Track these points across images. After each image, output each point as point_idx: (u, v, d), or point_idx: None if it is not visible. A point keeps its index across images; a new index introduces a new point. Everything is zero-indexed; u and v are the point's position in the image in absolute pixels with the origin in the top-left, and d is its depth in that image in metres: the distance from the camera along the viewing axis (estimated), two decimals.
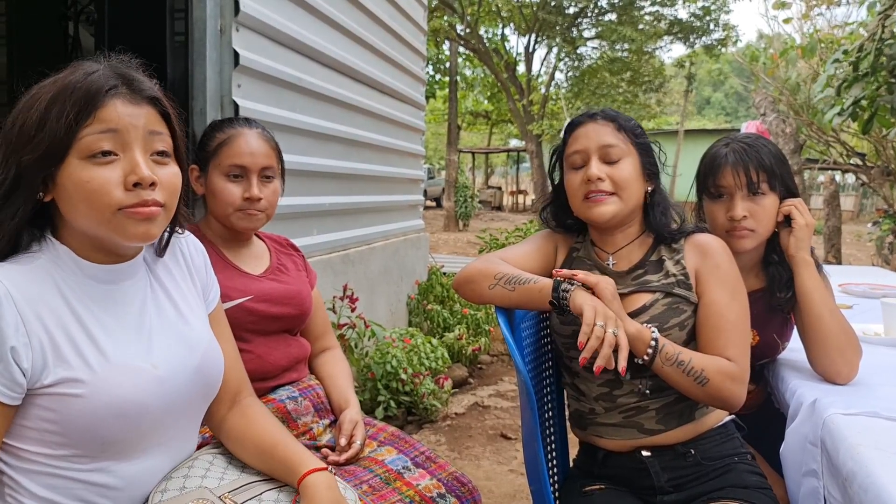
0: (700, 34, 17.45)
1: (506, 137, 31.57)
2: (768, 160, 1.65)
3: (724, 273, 1.49)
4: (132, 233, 1.04)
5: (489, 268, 1.55)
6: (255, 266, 1.68)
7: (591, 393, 1.54)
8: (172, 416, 1.13)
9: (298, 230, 3.47)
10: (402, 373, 3.59)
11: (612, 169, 1.48)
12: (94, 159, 1.02)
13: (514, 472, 3.12)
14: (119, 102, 1.04)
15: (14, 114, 1.05)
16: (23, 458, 1.04)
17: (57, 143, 1.00)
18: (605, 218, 1.49)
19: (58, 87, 1.03)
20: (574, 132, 1.55)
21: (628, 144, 1.51)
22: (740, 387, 1.43)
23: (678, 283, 1.49)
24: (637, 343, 1.39)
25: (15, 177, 1.02)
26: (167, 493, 1.10)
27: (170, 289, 1.20)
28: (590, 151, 1.50)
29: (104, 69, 1.07)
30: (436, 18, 15.67)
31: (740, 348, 1.44)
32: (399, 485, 1.46)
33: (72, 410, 1.01)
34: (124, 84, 1.06)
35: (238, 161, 1.59)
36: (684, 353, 1.41)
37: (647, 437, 1.49)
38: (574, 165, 1.53)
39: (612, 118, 1.52)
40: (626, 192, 1.49)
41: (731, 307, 1.46)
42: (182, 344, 1.15)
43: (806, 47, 5.43)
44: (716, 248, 1.52)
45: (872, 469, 1.09)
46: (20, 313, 0.99)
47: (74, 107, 1.01)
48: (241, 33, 2.90)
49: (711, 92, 50.60)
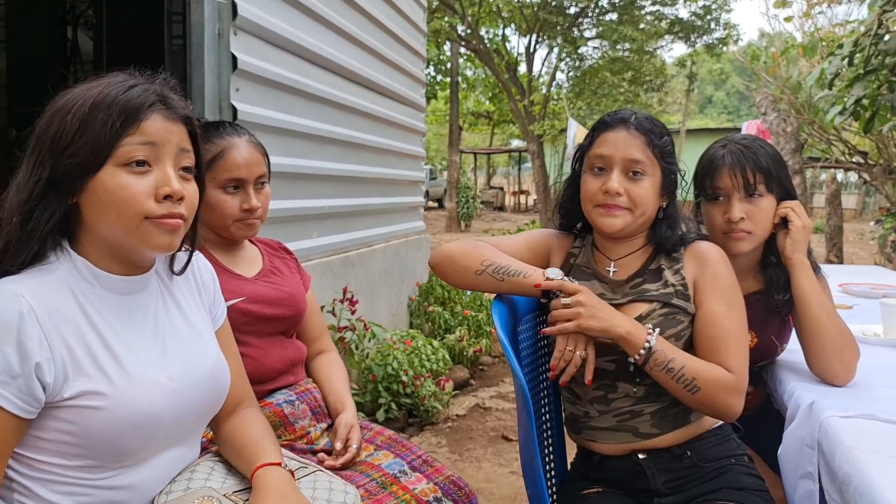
0: (701, 33, 17.40)
1: (507, 138, 31.53)
2: (765, 162, 1.65)
3: (723, 283, 1.47)
4: (156, 242, 1.07)
5: (476, 252, 1.52)
6: (248, 269, 1.68)
7: (586, 396, 1.53)
8: (183, 426, 1.16)
9: (298, 233, 3.47)
10: (403, 375, 3.59)
11: (633, 185, 1.45)
12: (129, 168, 1.05)
13: (514, 474, 3.12)
14: (160, 117, 1.08)
15: (47, 119, 1.06)
16: (36, 468, 1.04)
17: (99, 149, 1.03)
18: (613, 230, 1.48)
19: (98, 96, 1.05)
20: (603, 134, 1.49)
21: (654, 163, 1.46)
22: (735, 398, 1.41)
23: (676, 293, 1.48)
24: (628, 345, 1.39)
25: (50, 181, 1.04)
26: (172, 494, 1.12)
27: (181, 302, 1.23)
28: (614, 161, 1.46)
29: (144, 84, 1.10)
30: (436, 19, 15.66)
31: (739, 359, 1.43)
32: (395, 489, 1.46)
33: (91, 423, 1.02)
34: (161, 101, 1.09)
35: (235, 174, 1.59)
36: (678, 359, 1.39)
37: (642, 441, 1.48)
38: (594, 167, 1.50)
39: (646, 131, 1.46)
40: (640, 209, 1.47)
41: (728, 317, 1.45)
42: (194, 356, 1.18)
43: (807, 46, 5.42)
44: (714, 258, 1.50)
45: (868, 472, 1.08)
46: (42, 328, 0.99)
47: (120, 116, 1.04)
48: (239, 37, 2.90)
49: (713, 91, 50.54)
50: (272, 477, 1.15)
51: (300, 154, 3.51)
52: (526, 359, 1.64)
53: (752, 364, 1.75)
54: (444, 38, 17.22)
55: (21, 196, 1.04)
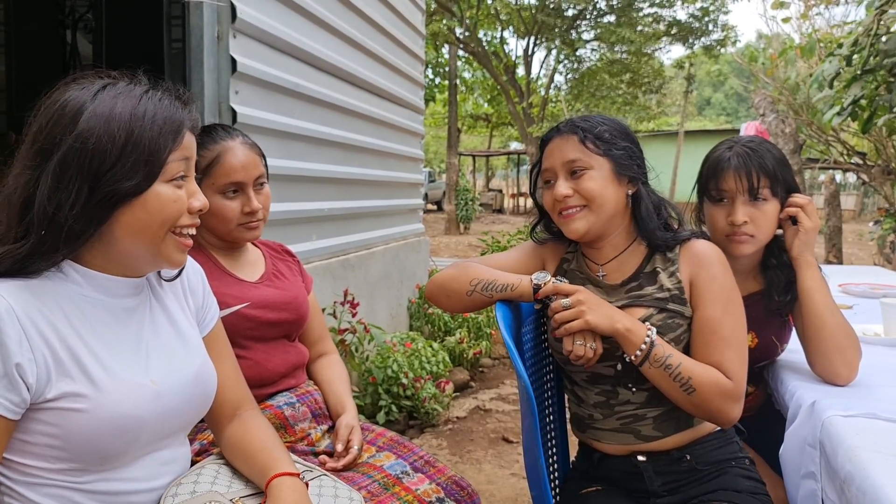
0: (699, 35, 17.44)
1: (506, 140, 31.59)
2: (771, 165, 1.63)
3: (719, 286, 1.44)
4: (176, 259, 1.11)
5: (464, 273, 1.54)
6: (251, 273, 1.68)
7: (590, 400, 1.53)
8: (167, 430, 1.15)
9: (298, 236, 3.47)
10: (404, 377, 3.59)
11: (578, 182, 1.46)
12: (175, 182, 1.08)
13: (515, 476, 3.12)
14: (187, 133, 1.10)
15: (82, 134, 1.01)
16: (21, 471, 1.04)
17: (151, 170, 1.04)
18: (580, 233, 1.48)
19: (134, 112, 1.04)
20: (545, 149, 1.53)
21: (594, 154, 1.46)
22: (730, 404, 1.39)
23: (672, 297, 1.46)
24: (628, 342, 1.38)
25: (89, 199, 1.01)
26: (178, 497, 1.12)
27: (167, 305, 1.22)
28: (556, 169, 1.48)
29: (164, 94, 1.10)
30: (435, 22, 15.68)
31: (735, 364, 1.40)
32: (398, 490, 1.46)
33: (74, 425, 1.01)
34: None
35: (234, 178, 1.58)
36: (676, 356, 1.39)
37: (643, 443, 1.48)
38: (546, 183, 1.52)
39: (577, 129, 1.47)
40: (596, 202, 1.45)
41: (723, 322, 1.42)
42: (179, 360, 1.17)
43: (805, 47, 5.41)
44: (711, 259, 1.47)
45: (871, 471, 1.08)
46: (23, 328, 0.98)
47: (168, 133, 1.06)
48: (238, 40, 2.90)
49: (712, 92, 50.61)
50: (289, 488, 1.14)
51: (300, 157, 3.52)
52: (529, 360, 1.64)
53: (752, 364, 1.75)
54: (442, 41, 17.25)
55: (47, 212, 1.00)
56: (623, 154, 1.48)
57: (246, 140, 1.65)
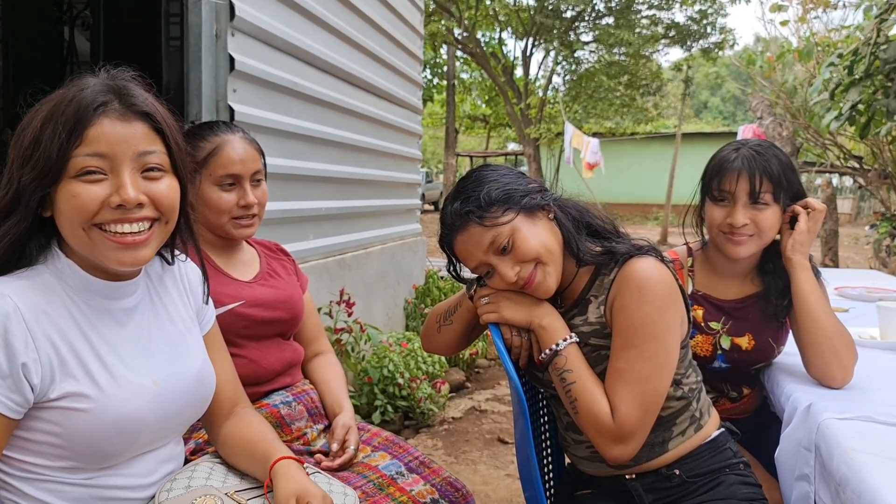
0: (697, 38, 17.47)
1: (504, 141, 31.59)
2: (776, 170, 1.62)
3: (626, 317, 1.32)
4: (113, 257, 1.04)
5: (432, 315, 1.60)
6: (246, 272, 1.67)
7: (562, 422, 1.52)
8: (166, 429, 1.17)
9: (294, 234, 3.46)
10: (399, 377, 3.58)
11: (516, 256, 1.35)
12: (83, 177, 1.02)
13: (510, 477, 3.11)
14: (107, 121, 1.03)
15: (18, 129, 1.06)
16: (19, 468, 1.05)
17: (51, 164, 1.01)
18: (548, 296, 1.43)
19: (52, 106, 1.04)
20: (456, 249, 1.42)
21: (502, 224, 1.34)
22: (606, 442, 1.31)
23: (593, 332, 1.39)
24: (541, 338, 1.40)
25: (15, 193, 1.03)
26: (173, 492, 1.14)
27: (168, 306, 1.22)
28: (489, 262, 1.37)
29: (97, 84, 1.06)
30: (433, 22, 15.69)
31: (623, 400, 1.29)
32: (392, 490, 1.46)
33: (76, 425, 1.02)
34: (117, 99, 1.05)
35: (231, 170, 1.58)
36: (575, 373, 1.34)
37: (622, 469, 1.42)
38: (486, 274, 1.42)
39: (468, 217, 1.35)
40: (542, 258, 1.36)
41: (618, 355, 1.32)
42: (179, 361, 1.18)
43: (802, 50, 5.43)
44: (630, 287, 1.33)
45: (866, 474, 1.08)
46: (29, 329, 1.00)
47: (65, 127, 1.00)
48: (236, 38, 2.90)
49: (709, 95, 50.69)
50: (296, 468, 1.18)
51: (297, 156, 3.51)
52: None
53: (749, 366, 1.76)
54: (440, 41, 17.26)
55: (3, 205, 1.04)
56: (515, 196, 1.37)
57: (246, 136, 1.65)
